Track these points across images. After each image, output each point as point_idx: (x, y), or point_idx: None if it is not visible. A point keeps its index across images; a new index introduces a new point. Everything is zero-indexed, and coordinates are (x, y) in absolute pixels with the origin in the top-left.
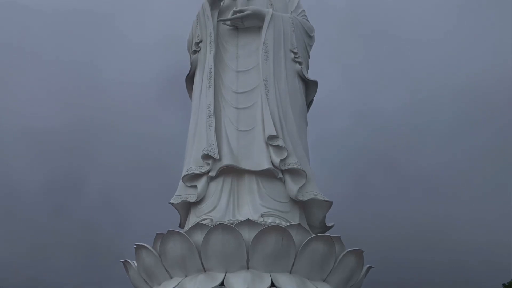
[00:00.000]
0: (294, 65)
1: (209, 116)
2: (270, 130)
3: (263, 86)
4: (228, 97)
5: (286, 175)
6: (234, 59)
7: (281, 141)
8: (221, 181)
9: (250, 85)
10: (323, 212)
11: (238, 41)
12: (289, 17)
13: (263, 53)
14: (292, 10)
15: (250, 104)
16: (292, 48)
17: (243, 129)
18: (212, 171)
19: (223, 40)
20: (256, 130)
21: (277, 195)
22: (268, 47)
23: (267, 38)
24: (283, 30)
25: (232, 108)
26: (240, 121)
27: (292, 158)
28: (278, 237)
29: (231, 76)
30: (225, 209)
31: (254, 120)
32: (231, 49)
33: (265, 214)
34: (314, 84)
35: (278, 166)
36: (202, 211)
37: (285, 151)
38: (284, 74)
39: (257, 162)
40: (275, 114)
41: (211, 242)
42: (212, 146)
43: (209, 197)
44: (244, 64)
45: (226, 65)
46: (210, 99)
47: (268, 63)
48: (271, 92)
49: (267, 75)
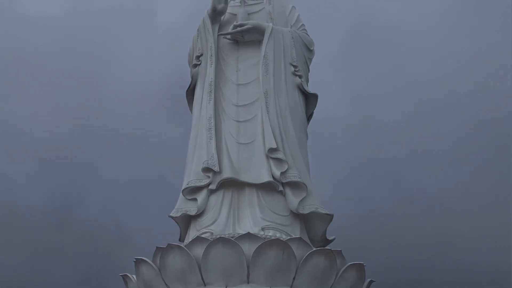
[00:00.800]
0: (294, 78)
1: (210, 129)
2: (270, 143)
3: (263, 99)
4: (229, 110)
5: (287, 188)
6: (234, 72)
7: (282, 153)
8: (221, 194)
9: (250, 98)
10: (324, 225)
11: (239, 54)
12: (289, 31)
13: (263, 67)
14: (292, 24)
15: (251, 117)
16: (292, 62)
17: (243, 142)
18: (213, 184)
19: (224, 53)
20: (257, 143)
21: (277, 208)
22: (268, 60)
23: (267, 51)
24: (283, 44)
25: (233, 121)
26: (241, 134)
27: (293, 171)
28: (278, 251)
29: (231, 89)
30: (225, 222)
31: (255, 133)
32: (231, 63)
33: (265, 227)
34: (314, 97)
35: (278, 179)
36: (202, 225)
37: (285, 163)
38: (284, 87)
39: (258, 175)
40: (276, 127)
41: (211, 256)
42: (212, 158)
43: (209, 210)
44: (245, 77)
45: (226, 78)
46: (211, 112)
47: (268, 76)
48: (271, 105)
49: (267, 88)
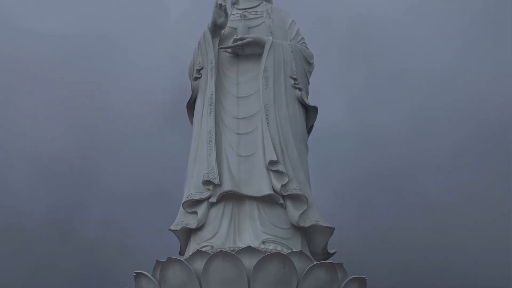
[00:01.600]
0: (294, 91)
1: (210, 142)
2: (270, 155)
3: (264, 112)
4: (229, 122)
5: (287, 201)
6: (234, 85)
7: (282, 166)
8: (221, 207)
9: (250, 110)
10: (325, 238)
11: (239, 67)
12: (289, 45)
13: (263, 80)
14: (292, 38)
15: (251, 130)
16: (292, 75)
17: (243, 155)
18: (213, 197)
19: (224, 67)
20: (257, 155)
21: (278, 221)
22: (268, 73)
23: (267, 65)
24: (283, 57)
25: (233, 134)
26: (241, 146)
27: (293, 184)
28: (279, 265)
29: (231, 102)
30: (226, 235)
31: (255, 145)
32: (231, 76)
33: (266, 240)
34: (314, 110)
35: (279, 192)
36: (203, 238)
37: (286, 176)
38: (284, 100)
39: (258, 188)
40: (276, 139)
41: (212, 270)
42: (212, 171)
43: (210, 224)
44: (245, 90)
45: (226, 91)
46: (211, 125)
47: (268, 89)
48: (271, 118)
49: (268, 101)
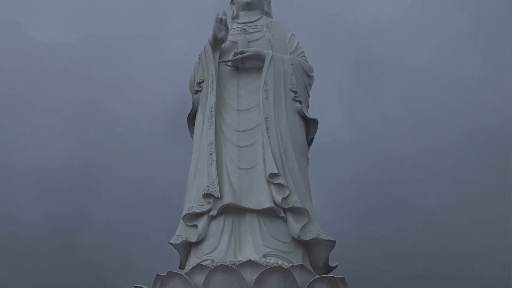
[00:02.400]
0: (294, 104)
1: (210, 154)
2: (271, 168)
3: (264, 125)
4: (229, 135)
5: (288, 214)
6: (235, 98)
7: (283, 179)
8: (222, 220)
9: (251, 123)
10: (326, 252)
11: (239, 81)
12: (289, 58)
13: (263, 93)
14: (292, 51)
15: (251, 142)
16: (292, 88)
17: (244, 167)
18: (213, 210)
19: (224, 80)
20: (257, 168)
21: (279, 235)
22: (269, 86)
23: (267, 78)
24: (283, 70)
25: (233, 146)
26: (242, 159)
27: (294, 197)
28: (280, 279)
29: (232, 115)
30: (226, 249)
31: (255, 158)
32: (232, 89)
33: (267, 254)
34: (315, 123)
35: (280, 205)
36: (203, 252)
37: (286, 189)
38: (284, 113)
39: (259, 201)
40: (276, 152)
41: (212, 284)
42: (213, 184)
43: (210, 237)
44: (245, 103)
45: (227, 104)
46: (212, 137)
47: (268, 102)
48: (272, 130)
49: (268, 113)
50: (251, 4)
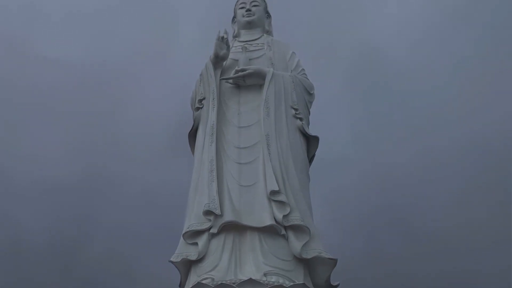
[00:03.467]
0: (295, 121)
1: (211, 171)
2: (272, 185)
3: (265, 142)
4: (230, 152)
5: (289, 232)
6: (236, 115)
7: (284, 196)
8: (222, 238)
9: (252, 140)
10: (328, 270)
11: (240, 98)
12: (289, 76)
13: (264, 110)
14: (292, 69)
15: (252, 159)
16: (292, 105)
17: (245, 184)
18: (214, 228)
19: (225, 97)
20: (258, 185)
21: (280, 253)
22: (269, 104)
23: (268, 95)
24: (284, 87)
25: (234, 163)
26: (242, 176)
27: (295, 214)
28: None
29: (233, 132)
30: (227, 267)
31: (256, 175)
32: (233, 106)
33: (268, 273)
34: (315, 140)
35: (281, 222)
36: (203, 270)
37: (287, 206)
38: (285, 130)
39: (259, 218)
40: (277, 169)
41: None
42: (213, 201)
43: (210, 255)
44: (246, 120)
45: (228, 121)
46: (213, 154)
47: (269, 119)
48: (272, 147)
49: (269, 130)
50: (252, 23)
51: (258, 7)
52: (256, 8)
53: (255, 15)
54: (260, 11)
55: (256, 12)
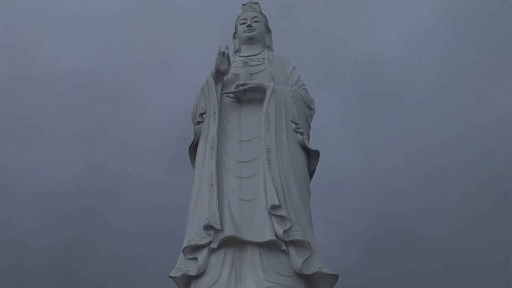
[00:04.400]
0: (296, 135)
1: (212, 185)
2: (272, 199)
3: (266, 156)
4: (231, 166)
5: (290, 247)
6: (236, 129)
7: (284, 211)
8: (222, 253)
9: (252, 154)
10: (329, 286)
11: (241, 112)
12: (290, 90)
13: (265, 124)
14: (293, 84)
15: (253, 173)
16: (293, 119)
17: (245, 199)
18: (214, 243)
19: (226, 111)
20: (259, 199)
21: (280, 268)
22: (270, 118)
23: (268, 109)
24: (284, 102)
25: (235, 177)
26: (243, 190)
27: (296, 229)
28: None
29: (233, 146)
30: (227, 283)
31: (257, 189)
32: (233, 120)
33: None
34: (316, 154)
35: (281, 237)
36: (203, 285)
37: (288, 221)
38: (286, 144)
39: (260, 233)
40: (278, 183)
41: None
42: (214, 216)
43: (210, 270)
44: (247, 134)
45: (229, 135)
46: (213, 168)
47: (270, 133)
48: (273, 162)
49: (269, 144)
50: (252, 38)
51: (259, 23)
52: (257, 24)
53: (255, 31)
54: (261, 27)
55: (257, 28)
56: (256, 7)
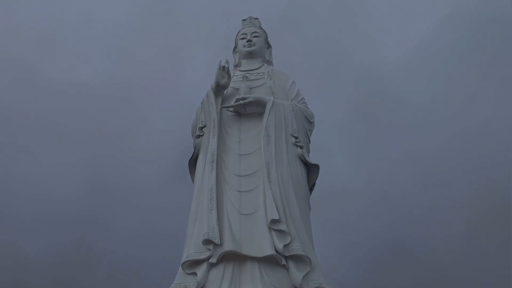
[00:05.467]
0: (295, 149)
1: (211, 199)
2: (272, 213)
3: (265, 169)
4: (231, 180)
5: (290, 262)
6: (236, 143)
7: (284, 225)
8: (222, 268)
9: (252, 168)
10: None
11: (241, 126)
12: (290, 104)
13: (265, 137)
14: (292, 98)
15: (253, 187)
16: (293, 133)
17: (245, 213)
18: (213, 257)
19: (226, 125)
20: (258, 213)
21: (280, 284)
22: (270, 132)
23: (268, 123)
24: (284, 116)
25: (235, 191)
26: (243, 204)
27: (296, 244)
28: None
29: (233, 159)
30: None
31: (257, 203)
32: (233, 134)
33: None
34: (316, 168)
35: (281, 252)
36: None
37: (288, 236)
38: (286, 158)
39: (260, 248)
40: (278, 197)
41: None
42: (213, 230)
43: (210, 286)
44: (247, 148)
45: (229, 149)
46: (213, 182)
47: (270, 147)
48: (273, 175)
49: (269, 158)
50: (252, 53)
51: (258, 38)
52: (257, 39)
53: (255, 46)
54: (261, 42)
55: (256, 43)
56: (256, 22)
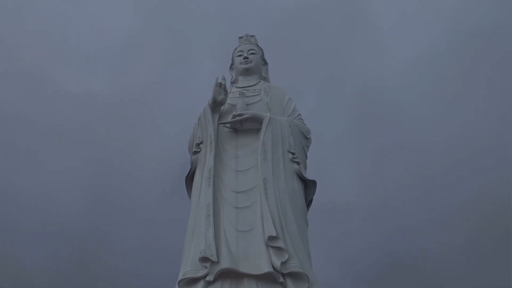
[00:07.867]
0: (292, 165)
1: (208, 216)
2: (270, 230)
3: (262, 186)
4: (228, 196)
5: (288, 279)
6: (233, 159)
7: (282, 242)
8: (219, 285)
9: (249, 184)
10: None
11: (238, 142)
12: (286, 120)
13: (261, 154)
14: (289, 114)
15: (250, 204)
16: (289, 149)
17: (242, 230)
18: (210, 275)
19: (223, 141)
20: (256, 230)
21: None
22: (267, 148)
23: (265, 139)
24: (281, 132)
25: (232, 208)
26: (240, 221)
27: (294, 261)
28: None
29: (230, 175)
30: None
31: (254, 220)
32: (230, 150)
33: None
34: (313, 184)
35: (279, 270)
36: None
37: (286, 253)
38: (283, 174)
39: (257, 265)
40: (275, 214)
41: None
42: (210, 247)
43: None
44: (243, 164)
45: (225, 165)
46: (210, 199)
47: (267, 163)
48: (270, 192)
49: (266, 174)
50: (249, 70)
51: (255, 55)
52: (253, 56)
53: (252, 62)
54: (257, 59)
55: (253, 60)
56: (252, 39)
